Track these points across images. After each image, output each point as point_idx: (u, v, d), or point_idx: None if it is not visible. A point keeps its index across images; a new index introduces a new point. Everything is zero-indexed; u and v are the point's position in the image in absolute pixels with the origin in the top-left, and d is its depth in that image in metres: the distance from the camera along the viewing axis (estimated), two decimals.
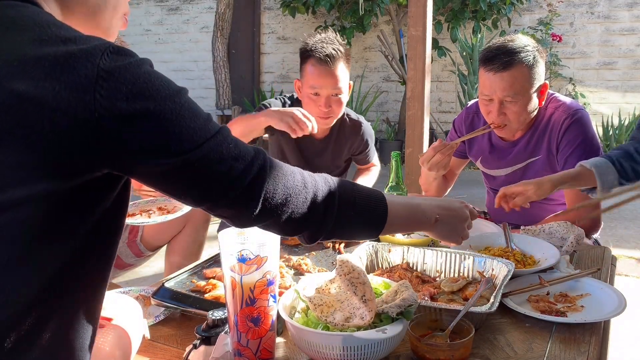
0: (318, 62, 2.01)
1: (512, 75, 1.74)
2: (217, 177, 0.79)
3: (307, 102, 2.10)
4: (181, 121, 0.74)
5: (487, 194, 2.20)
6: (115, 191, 0.76)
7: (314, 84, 2.04)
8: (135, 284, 2.81)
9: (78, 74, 0.66)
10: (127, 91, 0.68)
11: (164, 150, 0.73)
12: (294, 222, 0.90)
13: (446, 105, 7.13)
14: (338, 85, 2.04)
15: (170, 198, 0.88)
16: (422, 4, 3.25)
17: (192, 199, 0.82)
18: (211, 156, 0.77)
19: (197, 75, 8.20)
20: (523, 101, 1.77)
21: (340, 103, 2.09)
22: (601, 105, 6.20)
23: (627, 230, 3.97)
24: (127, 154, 0.71)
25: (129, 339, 1.02)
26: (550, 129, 1.85)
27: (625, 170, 1.56)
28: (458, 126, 2.14)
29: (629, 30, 6.32)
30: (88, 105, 0.66)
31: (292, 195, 0.88)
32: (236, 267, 0.96)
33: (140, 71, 0.71)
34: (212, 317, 1.04)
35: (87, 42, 0.69)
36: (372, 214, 0.99)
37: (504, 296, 1.25)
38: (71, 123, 0.66)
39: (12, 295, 0.67)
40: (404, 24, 6.47)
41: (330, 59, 2.00)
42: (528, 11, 6.66)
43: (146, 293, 1.36)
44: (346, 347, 0.96)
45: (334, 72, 2.02)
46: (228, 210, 0.84)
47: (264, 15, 7.86)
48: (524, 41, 1.80)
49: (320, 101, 2.05)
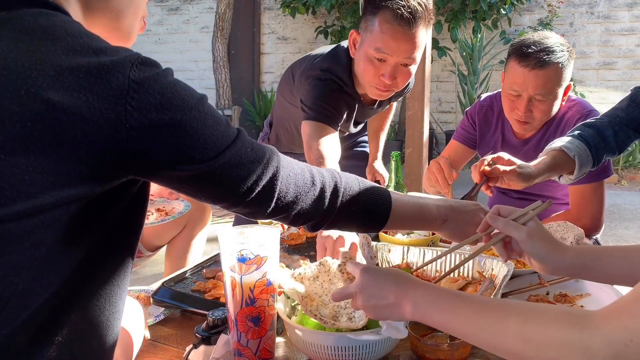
0: (395, 18, 1.52)
1: (547, 75, 1.70)
2: (237, 181, 0.83)
3: (365, 67, 1.64)
4: (205, 130, 0.76)
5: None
6: (134, 189, 0.78)
7: (384, 47, 1.57)
8: (135, 284, 2.80)
9: (110, 85, 0.68)
10: (156, 102, 0.71)
11: (188, 158, 0.76)
12: (302, 216, 0.97)
13: (446, 105, 7.13)
14: (414, 55, 1.59)
15: (172, 200, 0.89)
16: None
17: (211, 200, 0.86)
18: (232, 162, 0.81)
19: (197, 75, 8.20)
20: (551, 100, 1.75)
21: (408, 75, 1.66)
22: (601, 106, 6.16)
23: (627, 230, 3.97)
24: (153, 162, 0.74)
25: (130, 339, 1.03)
26: (564, 127, 1.84)
27: (599, 159, 1.52)
28: (471, 115, 2.09)
29: (629, 31, 6.32)
30: (119, 115, 0.68)
31: (301, 193, 0.94)
32: (236, 267, 0.96)
33: (167, 82, 0.74)
34: (212, 317, 1.04)
35: (117, 53, 0.71)
36: (374, 211, 1.05)
37: (504, 296, 1.25)
38: (102, 133, 0.67)
39: (32, 297, 0.68)
40: None
41: (413, 17, 1.52)
42: (528, 11, 6.66)
43: (146, 293, 1.36)
44: (342, 347, 0.97)
45: (414, 36, 1.55)
46: (244, 209, 0.89)
47: (264, 15, 7.86)
48: (559, 39, 1.76)
49: (385, 70, 1.60)
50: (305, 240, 1.64)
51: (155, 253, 2.16)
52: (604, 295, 1.28)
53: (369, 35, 1.59)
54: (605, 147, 1.53)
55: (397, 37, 1.54)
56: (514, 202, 2.02)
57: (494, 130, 2.01)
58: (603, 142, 1.53)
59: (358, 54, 1.66)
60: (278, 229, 1.03)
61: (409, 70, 1.64)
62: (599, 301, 1.26)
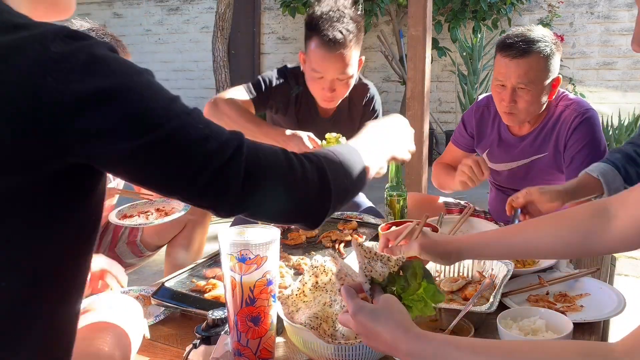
0: (323, 44, 1.75)
1: (528, 63, 1.75)
2: (185, 160, 0.72)
3: (309, 82, 1.89)
4: (141, 102, 0.69)
5: (490, 192, 2.20)
6: (88, 184, 0.73)
7: (317, 68, 1.81)
8: (135, 283, 2.80)
9: (29, 58, 0.63)
10: (81, 72, 0.65)
11: (123, 133, 0.68)
12: (282, 210, 0.83)
13: (446, 105, 7.13)
14: (345, 71, 1.81)
15: (152, 192, 0.82)
16: (422, 4, 3.25)
17: (162, 186, 0.76)
18: (176, 137, 0.71)
19: (197, 75, 8.19)
20: (536, 91, 1.78)
21: (346, 86, 1.87)
22: (601, 105, 6.20)
23: None
24: (85, 138, 0.66)
25: (128, 339, 1.03)
26: (560, 126, 1.86)
27: (630, 176, 1.55)
28: (467, 119, 2.13)
29: (629, 30, 6.31)
30: (41, 89, 0.63)
31: (275, 177, 0.80)
32: (236, 267, 0.96)
33: (96, 52, 0.67)
34: (212, 317, 1.04)
35: (39, 27, 0.66)
36: (362, 178, 0.95)
37: (504, 296, 1.25)
38: (25, 110, 0.63)
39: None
40: (404, 24, 6.47)
41: (336, 43, 1.74)
42: (528, 11, 6.65)
43: (146, 293, 1.36)
44: (341, 346, 0.97)
45: (342, 56, 1.77)
46: (204, 198, 0.77)
47: (264, 15, 7.86)
48: (543, 32, 1.81)
49: (325, 84, 1.83)
50: (305, 240, 1.64)
51: (155, 253, 2.16)
52: (603, 295, 1.28)
53: (307, 57, 1.85)
54: (636, 164, 1.57)
55: (326, 60, 1.78)
56: None
57: (491, 128, 2.04)
58: (632, 161, 1.57)
59: (305, 71, 1.91)
60: (278, 229, 1.03)
61: (346, 82, 1.86)
62: (598, 301, 1.26)
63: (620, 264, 3.30)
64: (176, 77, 8.23)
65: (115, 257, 2.08)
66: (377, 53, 7.01)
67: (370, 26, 6.69)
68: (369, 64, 7.33)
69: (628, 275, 3.20)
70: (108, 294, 1.28)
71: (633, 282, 3.10)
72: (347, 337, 0.96)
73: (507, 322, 1.10)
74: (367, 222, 1.81)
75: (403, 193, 1.74)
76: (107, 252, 2.08)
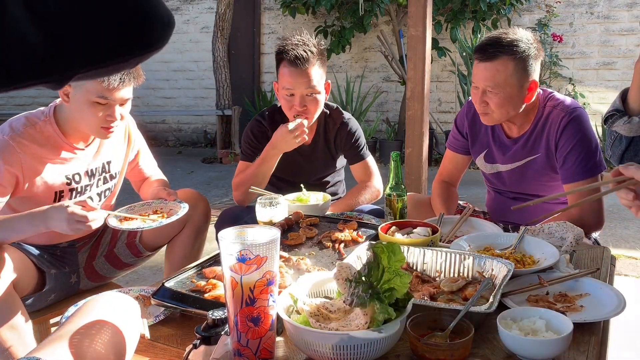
0: (289, 63, 2.07)
1: (495, 67, 1.79)
2: None
3: (284, 104, 2.16)
4: None
5: (488, 194, 2.21)
6: None
7: (287, 85, 2.10)
8: (135, 283, 2.81)
9: None
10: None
11: None
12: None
13: (446, 105, 7.13)
14: (311, 84, 2.09)
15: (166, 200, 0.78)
16: (422, 4, 3.25)
17: None
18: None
19: (198, 75, 8.19)
20: (504, 94, 1.81)
21: (316, 102, 2.13)
22: (601, 105, 6.20)
23: (627, 230, 3.97)
24: None
25: (123, 340, 1.02)
26: (549, 127, 1.87)
27: None
28: (460, 121, 2.15)
29: (629, 31, 6.31)
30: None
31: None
32: (236, 267, 0.96)
33: None
34: (212, 317, 1.04)
35: None
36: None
37: (504, 296, 1.25)
38: None
39: None
40: (404, 24, 6.47)
41: (300, 60, 2.06)
42: (528, 11, 6.66)
43: (146, 293, 1.36)
44: (342, 346, 0.97)
45: (307, 72, 2.07)
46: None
47: (264, 15, 7.86)
48: (520, 35, 1.82)
49: (295, 100, 2.10)
50: (305, 240, 1.65)
51: (155, 253, 2.16)
52: (603, 295, 1.28)
53: (279, 80, 2.15)
54: None
55: (294, 76, 2.08)
56: (510, 202, 2.03)
57: (485, 129, 2.04)
58: None
59: (279, 96, 2.17)
60: (278, 229, 1.03)
61: (314, 98, 2.12)
62: (598, 301, 1.26)
63: (620, 264, 3.30)
64: (176, 77, 8.23)
65: (114, 258, 2.09)
66: (377, 53, 7.02)
67: (370, 26, 6.70)
68: (368, 64, 7.34)
69: (628, 275, 3.20)
70: (107, 294, 1.28)
71: (633, 282, 3.10)
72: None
73: (507, 322, 1.10)
74: (367, 222, 1.82)
75: (403, 193, 1.75)
76: (106, 253, 2.09)
